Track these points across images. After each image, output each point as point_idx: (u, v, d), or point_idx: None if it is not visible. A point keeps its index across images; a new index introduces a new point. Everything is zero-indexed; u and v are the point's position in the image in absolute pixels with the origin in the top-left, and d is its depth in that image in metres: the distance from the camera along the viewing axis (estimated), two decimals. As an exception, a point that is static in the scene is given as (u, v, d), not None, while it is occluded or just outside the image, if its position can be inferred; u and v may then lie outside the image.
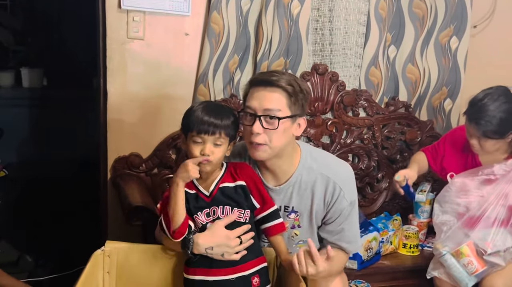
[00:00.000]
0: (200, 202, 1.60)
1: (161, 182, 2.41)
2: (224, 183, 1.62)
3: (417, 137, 2.76)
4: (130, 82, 2.37)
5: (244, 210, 1.60)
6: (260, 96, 1.58)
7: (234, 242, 1.55)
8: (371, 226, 2.24)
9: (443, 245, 2.08)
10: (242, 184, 1.62)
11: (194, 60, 2.43)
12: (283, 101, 1.58)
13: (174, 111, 2.44)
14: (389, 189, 2.75)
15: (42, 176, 3.84)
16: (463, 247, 2.04)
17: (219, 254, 1.55)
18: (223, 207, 1.59)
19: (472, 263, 2.02)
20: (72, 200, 3.52)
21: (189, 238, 1.56)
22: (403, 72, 2.73)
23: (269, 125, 1.57)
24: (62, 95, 3.90)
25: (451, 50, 2.76)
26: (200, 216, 1.59)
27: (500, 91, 2.11)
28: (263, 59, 2.45)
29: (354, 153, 2.70)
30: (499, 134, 2.07)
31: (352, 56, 2.63)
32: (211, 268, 1.57)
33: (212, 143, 1.54)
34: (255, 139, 1.57)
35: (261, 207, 1.63)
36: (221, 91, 2.46)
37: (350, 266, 2.17)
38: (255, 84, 1.61)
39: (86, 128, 3.00)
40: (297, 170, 1.68)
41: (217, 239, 1.55)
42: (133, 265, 1.71)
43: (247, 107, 1.60)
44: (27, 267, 2.82)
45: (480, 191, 2.08)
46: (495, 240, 2.02)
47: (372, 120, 2.68)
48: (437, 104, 2.82)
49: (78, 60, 3.89)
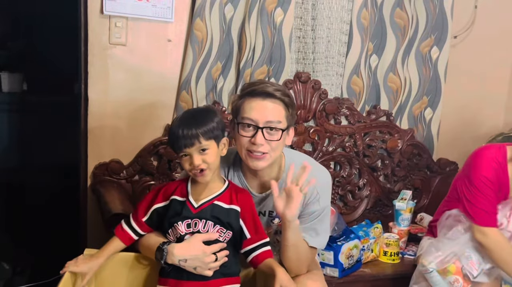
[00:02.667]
0: (184, 212, 1.58)
1: (142, 189, 2.39)
2: (219, 201, 1.60)
3: (398, 146, 2.78)
4: (111, 88, 2.35)
5: (226, 230, 1.58)
6: (261, 108, 1.59)
7: (209, 258, 1.53)
8: (352, 233, 2.25)
9: (429, 262, 2.08)
10: (237, 209, 1.60)
11: (177, 66, 2.42)
12: (283, 113, 1.61)
13: (156, 117, 2.44)
14: (370, 197, 2.77)
15: (21, 182, 3.78)
16: (450, 266, 2.04)
17: (192, 267, 1.53)
18: (205, 222, 1.57)
19: (458, 281, 2.03)
20: (51, 207, 3.47)
21: (163, 248, 1.54)
22: (385, 81, 2.75)
23: (271, 137, 1.59)
24: (42, 100, 3.85)
25: (432, 60, 2.79)
26: (180, 225, 1.57)
27: None
28: (246, 67, 2.45)
29: (336, 161, 2.71)
30: None
31: (334, 64, 2.65)
32: (182, 280, 1.55)
33: (197, 153, 1.53)
34: (258, 149, 1.59)
35: (252, 238, 1.61)
36: (203, 98, 2.45)
37: (332, 273, 2.17)
38: (252, 95, 1.60)
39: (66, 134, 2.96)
40: (282, 177, 1.70)
41: (193, 251, 1.53)
42: (111, 273, 1.69)
43: (245, 118, 1.59)
44: (4, 275, 2.77)
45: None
46: (481, 258, 2.02)
47: (353, 128, 2.70)
48: (417, 113, 2.85)
49: (59, 65, 3.85)
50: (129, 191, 2.37)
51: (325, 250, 2.15)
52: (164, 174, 2.41)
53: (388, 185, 2.81)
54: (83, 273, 1.56)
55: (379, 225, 2.43)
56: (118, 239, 1.65)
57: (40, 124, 3.77)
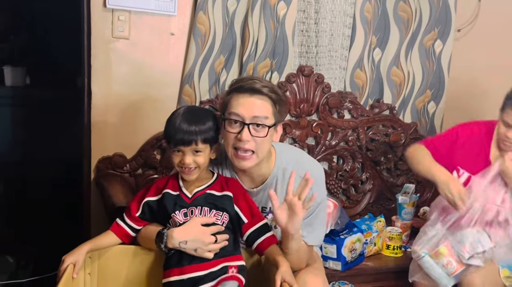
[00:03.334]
0: (179, 202, 1.61)
1: (145, 182, 2.39)
2: (211, 190, 1.64)
3: (401, 139, 2.78)
4: (114, 82, 2.35)
5: (222, 213, 1.60)
6: (247, 104, 1.59)
7: (208, 239, 1.54)
8: (355, 227, 2.25)
9: (421, 248, 2.10)
10: (229, 194, 1.64)
11: (180, 60, 2.42)
12: (269, 109, 1.61)
13: (159, 111, 2.42)
14: (373, 191, 2.77)
15: (24, 176, 3.79)
16: (442, 248, 2.06)
17: (193, 249, 1.54)
18: (201, 208, 1.60)
19: (451, 264, 2.04)
20: (55, 200, 3.48)
21: (163, 232, 1.57)
22: (388, 74, 2.75)
23: (257, 133, 1.59)
24: (45, 94, 3.85)
25: (435, 53, 2.78)
26: (177, 215, 1.60)
27: None
28: (249, 60, 2.45)
29: (339, 155, 2.71)
30: None
31: (337, 58, 2.64)
32: (184, 266, 1.55)
33: (191, 153, 1.57)
34: (244, 146, 1.58)
35: (249, 222, 1.63)
36: (206, 92, 2.45)
37: (334, 267, 2.17)
38: (239, 91, 1.60)
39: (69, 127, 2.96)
40: (273, 172, 1.71)
41: (192, 233, 1.54)
42: (114, 266, 1.70)
43: (232, 114, 1.59)
44: (8, 269, 2.78)
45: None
46: (473, 242, 2.04)
47: (356, 122, 2.69)
48: (421, 107, 2.85)
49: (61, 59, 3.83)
50: (132, 185, 2.37)
51: (328, 243, 2.16)
52: (167, 168, 2.41)
53: (391, 179, 2.81)
54: (73, 262, 1.57)
55: (382, 219, 2.43)
56: (112, 233, 1.67)
57: (43, 118, 3.77)
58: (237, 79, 1.69)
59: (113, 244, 1.68)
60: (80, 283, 1.66)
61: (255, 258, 1.70)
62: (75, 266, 1.57)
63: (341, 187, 2.72)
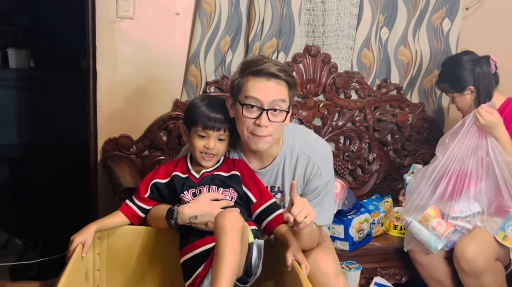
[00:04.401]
0: (188, 183, 1.64)
1: (152, 164, 2.39)
2: (218, 171, 1.66)
3: (408, 120, 2.76)
4: (119, 62, 2.33)
5: (230, 190, 1.62)
6: (266, 88, 1.57)
7: (218, 212, 1.54)
8: (363, 207, 2.25)
9: (409, 214, 2.12)
10: (237, 173, 1.66)
11: (185, 40, 2.39)
12: (286, 93, 1.60)
13: (165, 92, 2.42)
14: (380, 172, 2.76)
15: (31, 158, 3.79)
16: (430, 210, 2.09)
17: (203, 223, 1.55)
18: (209, 187, 1.62)
19: (440, 224, 2.07)
20: (61, 183, 3.49)
21: (173, 209, 1.58)
22: (395, 54, 2.72)
23: (275, 118, 1.59)
24: (50, 76, 3.83)
25: (443, 32, 2.75)
26: (186, 195, 1.62)
27: (462, 53, 2.39)
28: (255, 40, 2.42)
29: (346, 136, 2.70)
30: (454, 88, 2.32)
31: (344, 37, 2.61)
32: (195, 241, 1.55)
33: (216, 139, 1.62)
34: (262, 132, 1.59)
35: (258, 201, 1.64)
36: (212, 73, 2.43)
37: (342, 247, 2.17)
38: (256, 75, 1.58)
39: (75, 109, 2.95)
40: (281, 151, 1.72)
41: (201, 207, 1.55)
42: (123, 247, 1.71)
43: (250, 98, 1.57)
44: (16, 250, 2.80)
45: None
46: (461, 206, 2.07)
47: (363, 102, 2.67)
48: (428, 87, 2.82)
49: (66, 41, 3.81)
50: (139, 166, 2.37)
51: (335, 224, 2.16)
52: (174, 149, 2.40)
53: (398, 159, 2.80)
54: (82, 242, 1.57)
55: (389, 199, 2.43)
56: (121, 213, 1.68)
57: (48, 100, 3.75)
58: (249, 60, 1.66)
59: (121, 225, 1.69)
60: (90, 263, 1.67)
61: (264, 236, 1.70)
62: (84, 246, 1.57)
63: (348, 168, 2.71)
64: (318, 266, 1.62)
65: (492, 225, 2.07)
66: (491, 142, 2.08)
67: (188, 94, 2.42)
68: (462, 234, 2.09)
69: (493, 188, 2.08)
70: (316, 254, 1.66)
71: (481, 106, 2.09)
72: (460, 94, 2.31)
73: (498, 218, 2.07)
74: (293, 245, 1.53)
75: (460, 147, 2.10)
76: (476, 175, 2.09)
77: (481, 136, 2.09)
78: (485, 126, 2.06)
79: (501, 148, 2.08)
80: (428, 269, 2.19)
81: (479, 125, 2.07)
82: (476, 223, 2.09)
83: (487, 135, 2.09)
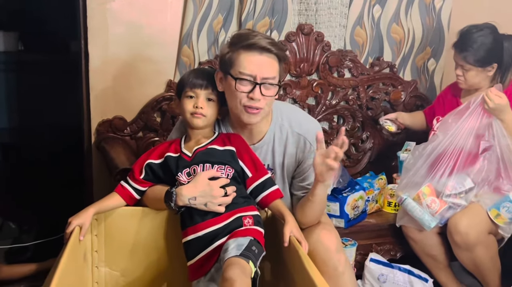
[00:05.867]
0: (181, 163, 1.63)
1: (146, 145, 2.38)
2: (213, 145, 1.65)
3: (401, 97, 2.77)
4: (112, 43, 2.31)
5: (225, 166, 1.61)
6: (258, 63, 1.59)
7: (217, 192, 1.56)
8: (358, 185, 2.27)
9: (404, 191, 2.14)
10: (232, 149, 1.65)
11: (177, 20, 2.37)
12: (277, 68, 1.63)
13: (158, 73, 2.41)
14: (374, 149, 2.78)
15: (24, 142, 3.77)
16: (424, 188, 2.11)
17: (203, 203, 1.56)
18: (203, 165, 1.61)
19: (434, 202, 2.09)
20: (56, 165, 3.47)
21: (172, 191, 1.58)
22: (388, 32, 2.71)
23: (267, 92, 1.61)
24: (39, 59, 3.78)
25: (435, 9, 2.74)
26: (181, 176, 1.62)
27: (487, 24, 2.25)
28: (248, 19, 2.41)
29: (339, 114, 2.70)
30: (480, 62, 2.20)
31: (337, 15, 2.60)
32: (197, 224, 1.57)
33: (205, 98, 1.64)
34: (255, 104, 1.60)
35: (253, 176, 1.65)
36: (205, 53, 2.42)
37: (337, 224, 2.20)
38: (248, 49, 1.59)
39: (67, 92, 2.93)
40: (270, 128, 1.74)
41: (200, 187, 1.56)
42: (120, 227, 1.72)
43: (243, 73, 1.59)
44: (11, 234, 2.79)
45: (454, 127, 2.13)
46: (455, 183, 2.10)
47: (357, 81, 2.68)
48: (421, 64, 2.82)
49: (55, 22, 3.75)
50: (134, 148, 2.37)
51: (331, 201, 2.18)
52: (168, 130, 2.38)
53: (391, 137, 2.81)
54: (80, 224, 1.58)
55: (384, 176, 2.45)
56: (117, 195, 1.68)
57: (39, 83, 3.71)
58: (239, 34, 1.67)
59: (118, 206, 1.70)
60: (87, 244, 1.68)
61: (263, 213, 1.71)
62: (82, 229, 1.58)
63: (341, 146, 2.72)
64: (321, 242, 1.65)
65: (486, 200, 2.10)
66: (495, 125, 2.08)
67: (181, 74, 2.40)
68: (456, 211, 2.11)
69: (493, 170, 2.09)
70: (319, 231, 1.69)
71: (490, 90, 2.07)
72: (482, 69, 2.22)
73: (493, 195, 2.09)
74: (291, 221, 1.55)
75: (463, 128, 2.10)
76: (475, 155, 2.09)
77: (485, 118, 2.09)
78: (494, 109, 2.05)
79: (505, 131, 2.07)
80: (421, 244, 2.22)
81: (487, 108, 2.06)
82: (470, 198, 2.11)
83: (492, 118, 2.08)
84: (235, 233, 1.51)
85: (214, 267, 1.51)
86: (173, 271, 1.73)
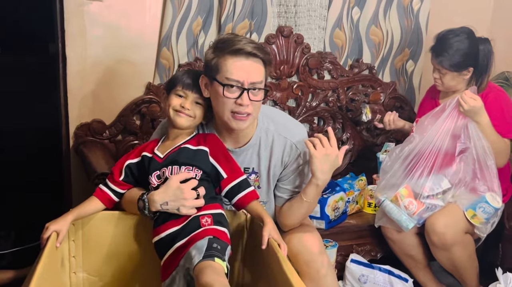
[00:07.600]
0: (153, 165, 1.62)
1: (126, 148, 2.36)
2: (186, 145, 1.65)
3: (380, 99, 2.79)
4: (90, 46, 2.29)
5: (193, 168, 1.59)
6: (245, 68, 1.58)
7: (188, 194, 1.54)
8: (338, 186, 2.27)
9: (382, 193, 2.16)
10: (204, 149, 1.63)
11: (156, 22, 2.36)
12: (263, 72, 1.62)
13: (137, 75, 2.39)
14: (354, 151, 2.80)
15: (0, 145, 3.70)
16: (402, 190, 2.13)
17: (175, 208, 1.54)
18: (171, 168, 1.60)
19: (412, 203, 2.11)
20: (33, 169, 3.42)
21: (143, 198, 1.58)
22: (367, 34, 2.73)
23: (255, 97, 1.60)
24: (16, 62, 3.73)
25: (413, 11, 2.77)
26: (151, 179, 1.61)
27: (463, 29, 2.26)
28: (227, 21, 2.40)
29: (320, 116, 2.71)
30: (455, 67, 2.21)
31: (316, 18, 2.61)
32: (159, 226, 1.56)
33: (193, 101, 1.64)
34: (244, 110, 1.59)
35: (229, 177, 1.63)
36: (185, 55, 2.41)
37: (318, 225, 2.20)
38: (234, 54, 1.58)
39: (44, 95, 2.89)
40: (256, 132, 1.73)
41: (171, 192, 1.54)
42: (98, 232, 1.70)
43: (230, 80, 1.57)
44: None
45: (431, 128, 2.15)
46: (432, 184, 2.12)
47: (336, 82, 2.69)
48: (399, 66, 2.85)
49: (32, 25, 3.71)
50: (113, 151, 2.35)
51: (311, 203, 2.17)
52: (148, 133, 2.37)
53: (370, 138, 2.83)
54: (57, 230, 1.56)
55: (364, 177, 2.46)
56: (96, 199, 1.66)
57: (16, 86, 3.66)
58: (223, 39, 1.65)
59: (97, 210, 1.68)
60: (65, 250, 1.66)
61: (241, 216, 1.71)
62: (59, 235, 1.55)
63: (322, 148, 2.73)
64: (304, 244, 1.66)
65: (463, 201, 2.12)
66: (471, 127, 2.10)
67: (161, 77, 2.39)
68: (433, 211, 2.13)
69: (470, 171, 2.12)
70: (302, 234, 1.70)
71: (464, 92, 2.09)
72: (458, 73, 2.23)
73: (470, 195, 2.12)
74: (269, 223, 1.54)
75: (439, 129, 2.12)
76: (452, 156, 2.12)
77: (461, 120, 2.11)
78: (469, 111, 2.07)
79: (481, 133, 2.10)
80: (400, 245, 2.24)
81: (462, 111, 2.08)
82: (447, 199, 2.14)
83: (467, 120, 2.10)
84: (193, 239, 1.48)
85: (175, 270, 1.49)
86: (151, 275, 1.71)
